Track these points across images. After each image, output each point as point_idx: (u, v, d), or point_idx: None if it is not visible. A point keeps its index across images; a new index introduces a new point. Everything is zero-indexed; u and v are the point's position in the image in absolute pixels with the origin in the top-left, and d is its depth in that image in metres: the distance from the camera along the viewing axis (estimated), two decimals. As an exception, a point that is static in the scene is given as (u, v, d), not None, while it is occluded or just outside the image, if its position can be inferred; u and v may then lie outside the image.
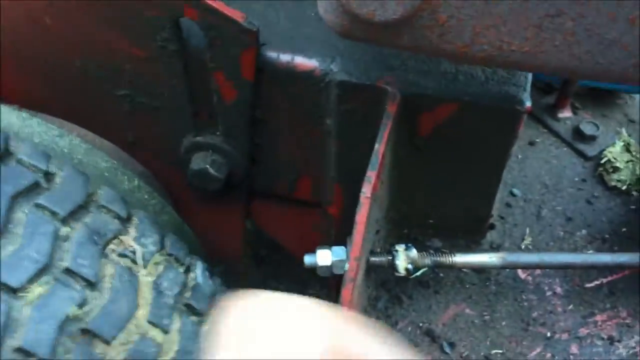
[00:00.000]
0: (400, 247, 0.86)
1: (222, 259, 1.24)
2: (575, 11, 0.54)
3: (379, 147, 0.75)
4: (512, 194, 1.10)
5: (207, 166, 0.96)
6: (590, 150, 1.14)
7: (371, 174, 0.72)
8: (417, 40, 0.60)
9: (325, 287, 1.61)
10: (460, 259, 0.87)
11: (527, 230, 1.04)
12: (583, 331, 0.94)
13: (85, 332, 0.62)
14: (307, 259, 0.85)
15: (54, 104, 0.97)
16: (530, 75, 0.82)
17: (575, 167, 1.13)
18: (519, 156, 1.16)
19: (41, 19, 0.85)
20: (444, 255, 0.87)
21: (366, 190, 0.71)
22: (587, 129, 1.15)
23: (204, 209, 1.10)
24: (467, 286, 0.99)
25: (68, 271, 0.64)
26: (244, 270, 1.62)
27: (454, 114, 0.82)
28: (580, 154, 1.15)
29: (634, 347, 0.92)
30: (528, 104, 0.79)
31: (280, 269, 1.63)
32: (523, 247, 1.03)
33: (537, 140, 1.18)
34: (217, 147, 0.96)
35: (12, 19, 0.87)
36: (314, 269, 0.84)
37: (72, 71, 0.91)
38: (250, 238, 1.62)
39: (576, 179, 1.11)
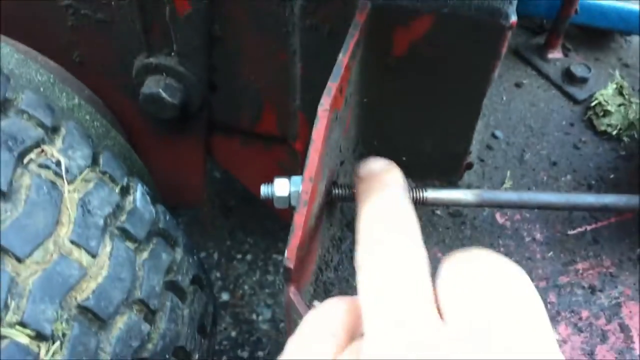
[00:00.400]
0: (366, 180, 0.77)
1: (185, 202, 1.15)
2: None
3: (343, 58, 0.66)
4: (494, 136, 1.02)
5: (160, 90, 0.87)
6: (580, 93, 1.07)
7: (332, 85, 0.64)
8: None
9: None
10: (432, 194, 0.79)
11: (508, 174, 0.97)
12: (563, 279, 0.87)
13: (-8, 246, 0.54)
14: (264, 190, 0.77)
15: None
16: (516, -11, 0.73)
17: (563, 110, 1.05)
18: (504, 98, 1.08)
19: None
20: (414, 190, 0.79)
21: (324, 102, 0.63)
22: (578, 71, 1.07)
23: (159, 142, 1.01)
24: (440, 229, 0.91)
25: (-26, 176, 0.55)
26: (211, 222, 1.54)
27: (431, 29, 0.73)
28: (570, 97, 1.07)
29: (617, 298, 0.85)
30: (514, 18, 0.70)
31: (249, 221, 1.55)
32: (503, 189, 0.95)
33: (524, 81, 1.10)
34: (172, 69, 0.88)
35: None
36: (269, 200, 0.76)
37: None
38: (218, 188, 1.54)
39: (564, 123, 1.04)
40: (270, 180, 0.77)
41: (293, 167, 1.00)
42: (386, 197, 0.51)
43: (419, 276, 0.41)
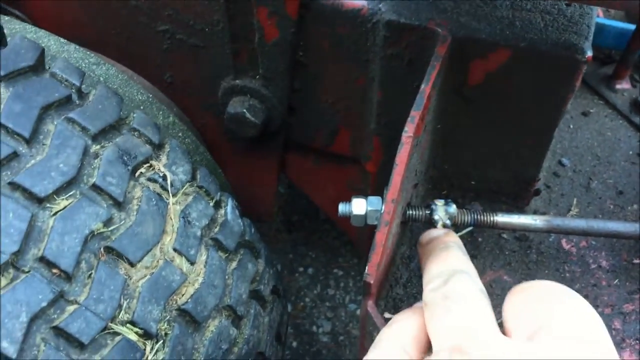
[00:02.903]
0: (440, 202, 0.81)
1: (255, 215, 1.21)
2: None
3: (426, 88, 0.70)
4: (561, 164, 1.04)
5: (245, 110, 0.93)
6: (647, 124, 1.08)
7: (415, 114, 0.68)
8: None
9: (356, 256, 1.58)
10: (502, 219, 0.82)
11: (575, 201, 0.99)
12: (628, 307, 0.88)
13: (109, 250, 0.60)
14: (341, 208, 0.81)
15: (92, 38, 0.95)
16: (592, 25, 0.76)
17: (630, 140, 1.07)
18: (571, 126, 1.10)
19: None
20: (484, 214, 0.83)
21: (409, 130, 0.67)
22: (646, 102, 1.09)
23: (239, 159, 1.07)
24: (507, 253, 0.94)
25: (95, 187, 0.61)
26: (275, 235, 1.59)
27: (507, 61, 0.77)
28: (637, 127, 1.08)
29: (683, 327, 0.86)
30: (589, 53, 0.73)
31: (311, 236, 1.60)
32: (569, 217, 0.97)
33: (592, 110, 1.12)
34: (256, 91, 0.94)
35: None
36: (346, 222, 0.81)
37: (112, 3, 0.89)
38: (283, 203, 1.60)
39: (630, 153, 1.05)
40: (347, 199, 0.82)
41: (362, 186, 1.05)
42: (450, 249, 0.57)
43: (481, 301, 0.46)
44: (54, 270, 0.56)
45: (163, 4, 0.87)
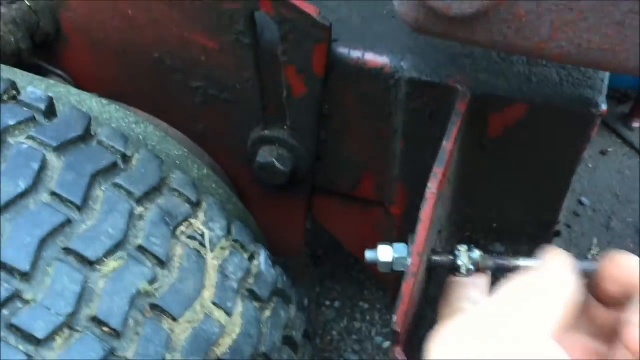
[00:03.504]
0: (463, 247, 0.84)
1: (284, 253, 1.25)
2: (660, 8, 0.53)
3: (447, 144, 0.74)
4: (581, 203, 1.07)
5: (274, 159, 0.98)
6: (665, 161, 1.10)
7: (437, 170, 0.72)
8: (493, 35, 0.60)
9: (381, 289, 1.61)
10: (524, 262, 0.85)
11: (595, 240, 1.01)
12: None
13: (154, 307, 0.65)
14: (368, 255, 0.85)
15: (130, 94, 1.01)
16: (606, 79, 0.80)
17: (648, 178, 1.10)
18: (590, 165, 1.13)
19: (124, 10, 0.89)
20: (506, 258, 0.86)
21: (432, 186, 0.71)
22: (663, 140, 1.11)
23: (267, 203, 1.12)
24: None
25: (141, 248, 0.66)
26: (301, 270, 1.63)
27: (524, 115, 0.80)
28: (654, 165, 1.11)
29: None
30: (604, 107, 0.77)
31: (337, 270, 1.64)
32: (590, 257, 1.00)
33: (610, 149, 1.15)
34: (284, 141, 0.98)
35: (95, 8, 0.92)
36: (373, 266, 0.85)
37: (149, 62, 0.95)
38: (308, 238, 1.64)
39: (649, 191, 1.08)
40: (372, 246, 0.86)
41: (387, 227, 1.09)
42: None
43: None
44: (104, 329, 0.61)
45: (196, 63, 0.92)
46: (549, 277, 0.52)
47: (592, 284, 0.56)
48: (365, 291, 1.55)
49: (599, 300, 0.55)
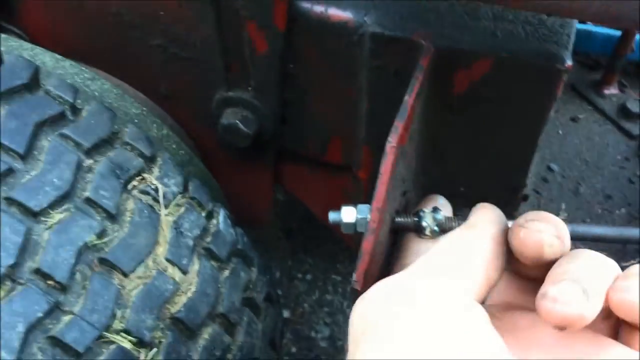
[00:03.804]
0: (428, 209, 0.83)
1: (251, 223, 1.23)
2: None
3: (408, 99, 0.72)
4: (550, 169, 1.06)
5: (237, 121, 0.96)
6: (635, 128, 1.10)
7: (398, 124, 0.70)
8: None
9: (354, 262, 1.60)
10: (489, 224, 0.84)
11: (563, 206, 1.01)
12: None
13: (103, 261, 0.63)
14: (332, 216, 0.83)
15: (88, 53, 0.98)
16: (573, 34, 0.78)
17: (618, 145, 1.09)
18: (560, 132, 1.12)
19: (80, -39, 0.85)
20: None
21: (392, 140, 0.69)
22: (634, 107, 1.10)
23: (233, 168, 1.09)
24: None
25: (89, 201, 0.64)
26: (274, 242, 1.62)
27: (490, 71, 0.79)
28: (625, 132, 1.10)
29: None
30: (569, 62, 0.75)
31: (310, 243, 1.62)
32: (557, 221, 0.99)
33: (581, 116, 1.14)
34: (248, 102, 0.96)
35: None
36: (337, 228, 0.83)
37: (108, 18, 0.91)
38: (281, 210, 1.62)
39: (619, 157, 1.07)
40: (337, 208, 0.84)
41: (356, 193, 1.07)
42: None
43: None
44: (49, 282, 0.58)
45: (155, 19, 0.89)
46: (471, 235, 0.50)
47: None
48: (338, 264, 1.54)
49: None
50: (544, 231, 0.48)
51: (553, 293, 0.41)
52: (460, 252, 0.48)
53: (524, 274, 0.53)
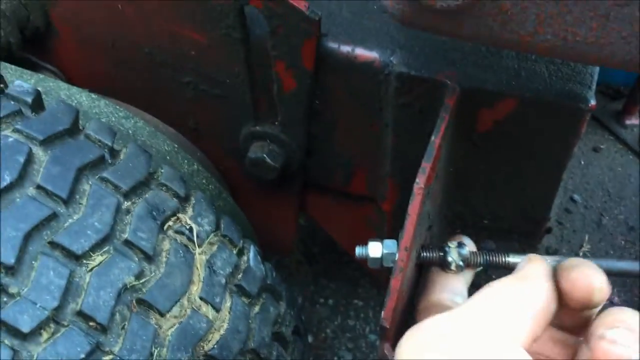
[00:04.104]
0: (453, 244, 0.84)
1: (275, 251, 1.25)
2: (645, 1, 0.52)
3: (435, 139, 0.74)
4: (573, 200, 1.07)
5: (265, 155, 0.98)
6: (657, 158, 1.10)
7: (426, 165, 0.72)
8: (479, 29, 0.60)
9: (375, 287, 1.61)
10: (513, 259, 0.85)
11: (586, 237, 1.01)
12: (641, 343, 0.90)
13: (141, 302, 0.65)
14: (358, 251, 0.85)
15: (121, 89, 1.01)
16: (596, 74, 0.80)
17: (640, 175, 1.09)
18: (582, 162, 1.13)
19: (113, 4, 0.89)
20: (497, 254, 0.86)
21: (420, 181, 0.71)
22: (656, 137, 1.11)
23: (259, 199, 1.12)
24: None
25: (127, 243, 0.66)
26: (296, 267, 1.63)
27: (514, 110, 0.80)
28: (647, 162, 1.11)
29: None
30: (592, 102, 0.77)
31: (331, 268, 1.64)
32: (581, 254, 1.00)
33: (602, 146, 1.15)
34: (275, 136, 0.98)
35: (84, 2, 0.91)
36: (364, 262, 0.84)
37: (140, 57, 0.95)
38: (303, 235, 1.64)
39: (641, 188, 1.08)
40: (361, 237, 0.85)
41: (380, 224, 1.09)
42: None
43: None
44: (91, 323, 0.61)
45: (187, 58, 0.92)
46: (524, 288, 0.52)
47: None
48: (360, 289, 1.55)
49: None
50: (593, 276, 0.51)
51: (612, 336, 0.46)
52: (512, 301, 0.51)
53: (556, 324, 0.55)
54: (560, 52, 0.58)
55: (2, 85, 0.69)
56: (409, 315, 0.91)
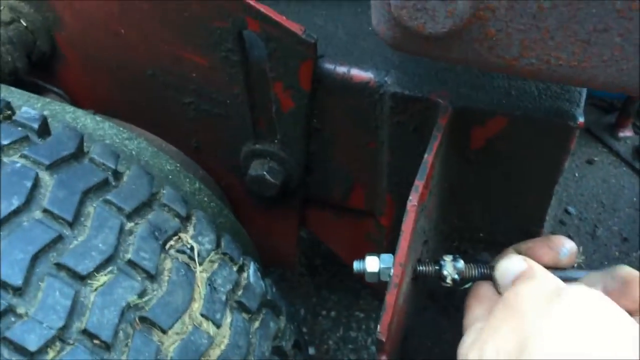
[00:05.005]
0: (448, 258, 0.86)
1: (277, 265, 1.27)
2: (623, 27, 0.55)
3: (428, 157, 0.76)
4: (567, 212, 1.09)
5: (264, 172, 1.00)
6: (651, 170, 1.12)
7: (419, 183, 0.74)
8: (467, 53, 0.62)
9: (377, 299, 1.63)
10: (508, 272, 0.87)
11: (581, 249, 1.03)
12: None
13: (144, 320, 0.67)
14: (356, 265, 0.87)
15: (125, 110, 1.04)
16: (584, 92, 0.82)
17: (634, 187, 1.11)
18: (577, 174, 1.15)
19: (116, 28, 0.92)
20: (491, 267, 0.88)
21: (413, 199, 0.73)
22: (649, 149, 1.13)
23: (260, 214, 1.14)
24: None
25: (131, 262, 0.68)
26: (298, 280, 1.66)
27: (505, 128, 0.82)
28: (640, 174, 1.13)
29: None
30: (581, 119, 0.79)
31: (333, 280, 1.66)
32: (575, 265, 1.02)
33: (596, 159, 1.16)
34: (275, 154, 1.01)
35: (89, 27, 0.94)
36: (362, 276, 0.87)
37: (143, 79, 0.97)
38: (305, 248, 1.67)
39: (635, 199, 1.09)
40: (361, 251, 0.88)
41: (379, 238, 1.11)
42: None
43: None
44: (95, 341, 0.63)
45: (188, 80, 0.95)
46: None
47: None
48: (362, 301, 1.57)
49: None
50: None
51: None
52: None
53: None
54: (545, 75, 0.61)
55: (9, 112, 0.72)
56: (406, 329, 0.93)
